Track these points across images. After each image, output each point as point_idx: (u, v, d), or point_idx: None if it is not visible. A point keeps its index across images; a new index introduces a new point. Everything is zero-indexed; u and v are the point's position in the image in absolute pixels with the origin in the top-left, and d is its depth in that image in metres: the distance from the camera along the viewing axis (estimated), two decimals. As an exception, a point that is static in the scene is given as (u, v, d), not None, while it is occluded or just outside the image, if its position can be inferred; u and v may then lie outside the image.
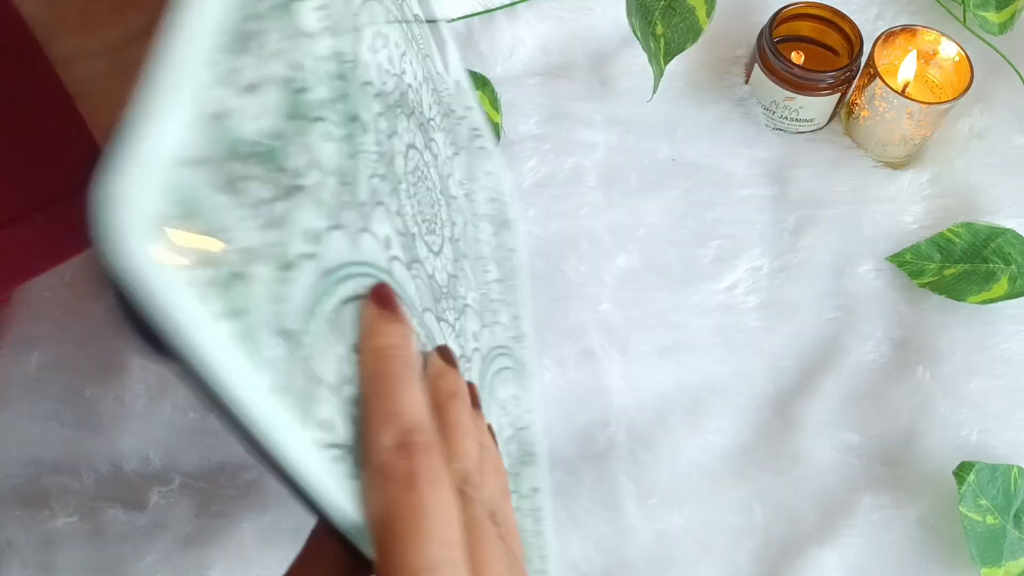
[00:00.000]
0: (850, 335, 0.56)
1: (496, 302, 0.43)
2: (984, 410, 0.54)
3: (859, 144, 0.63)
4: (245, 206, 0.23)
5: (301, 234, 0.25)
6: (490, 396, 0.38)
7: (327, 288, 0.26)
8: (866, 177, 0.62)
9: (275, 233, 0.24)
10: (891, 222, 0.60)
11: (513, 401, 0.42)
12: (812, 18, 0.63)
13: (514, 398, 0.42)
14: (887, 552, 0.50)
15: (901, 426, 0.54)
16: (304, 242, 0.25)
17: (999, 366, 0.56)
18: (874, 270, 0.59)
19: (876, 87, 0.59)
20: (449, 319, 0.35)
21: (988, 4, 0.65)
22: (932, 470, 0.52)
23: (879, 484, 0.52)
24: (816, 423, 0.53)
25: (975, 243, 0.58)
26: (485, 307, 0.41)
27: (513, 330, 0.46)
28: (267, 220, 0.24)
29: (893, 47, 0.62)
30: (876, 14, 0.68)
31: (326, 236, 0.26)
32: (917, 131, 0.60)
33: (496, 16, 0.65)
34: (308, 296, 0.25)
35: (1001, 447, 0.53)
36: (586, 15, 0.67)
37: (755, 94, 0.63)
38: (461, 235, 0.37)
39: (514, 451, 0.39)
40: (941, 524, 0.51)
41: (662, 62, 0.59)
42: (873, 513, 0.51)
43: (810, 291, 0.58)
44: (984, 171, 0.61)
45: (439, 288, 0.34)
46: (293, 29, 0.26)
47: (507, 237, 0.50)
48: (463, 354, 0.35)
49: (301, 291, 0.24)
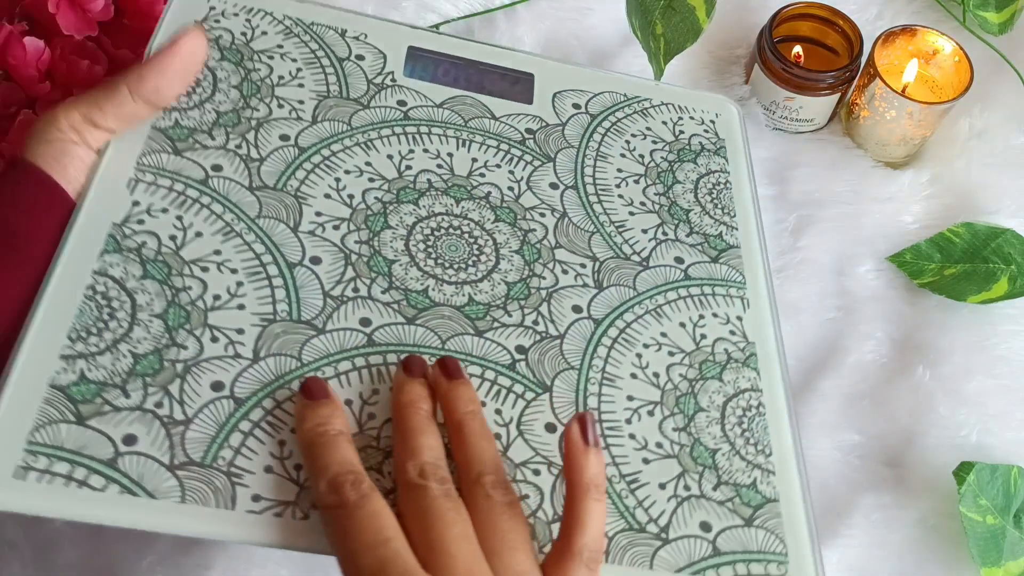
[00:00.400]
0: (850, 335, 0.56)
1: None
2: (984, 410, 0.54)
3: (859, 144, 0.63)
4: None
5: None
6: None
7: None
8: (866, 177, 0.62)
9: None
10: (891, 222, 0.60)
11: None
12: (812, 18, 0.64)
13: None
14: (887, 552, 0.50)
15: (901, 426, 0.54)
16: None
17: (999, 366, 0.56)
18: (874, 270, 0.59)
19: (876, 87, 0.59)
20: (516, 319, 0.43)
21: (988, 4, 0.65)
22: (932, 470, 0.52)
23: (879, 484, 0.52)
24: (816, 423, 0.53)
25: (975, 243, 0.58)
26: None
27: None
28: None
29: (893, 47, 0.62)
30: (876, 14, 0.69)
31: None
32: (917, 131, 0.60)
33: (496, 16, 0.65)
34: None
35: (1001, 447, 0.53)
36: (586, 15, 0.67)
37: (755, 94, 0.63)
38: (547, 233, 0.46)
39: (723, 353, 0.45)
40: (941, 524, 0.51)
41: (662, 62, 0.59)
42: (873, 513, 0.51)
43: (810, 291, 0.58)
44: (984, 171, 0.61)
45: (492, 301, 0.43)
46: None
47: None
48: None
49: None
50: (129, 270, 0.39)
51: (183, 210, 0.42)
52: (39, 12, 0.52)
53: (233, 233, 0.41)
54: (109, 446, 0.35)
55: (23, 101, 0.53)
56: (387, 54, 0.50)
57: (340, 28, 0.50)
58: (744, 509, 0.40)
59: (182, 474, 0.35)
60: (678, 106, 0.54)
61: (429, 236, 0.44)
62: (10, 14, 0.53)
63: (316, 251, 0.42)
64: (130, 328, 0.38)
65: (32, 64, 0.51)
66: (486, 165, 0.47)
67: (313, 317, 0.40)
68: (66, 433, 0.35)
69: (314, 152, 0.45)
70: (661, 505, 0.40)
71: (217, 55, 0.47)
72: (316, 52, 0.49)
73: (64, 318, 0.37)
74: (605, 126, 0.51)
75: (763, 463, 0.42)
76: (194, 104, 0.45)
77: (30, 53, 0.51)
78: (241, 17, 0.49)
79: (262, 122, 0.45)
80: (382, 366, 0.40)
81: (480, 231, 0.45)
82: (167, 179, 0.42)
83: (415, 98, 0.49)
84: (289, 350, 0.39)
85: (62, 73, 0.52)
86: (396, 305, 0.41)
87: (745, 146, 0.53)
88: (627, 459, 0.41)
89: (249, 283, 0.40)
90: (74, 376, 0.36)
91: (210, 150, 0.44)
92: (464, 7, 0.65)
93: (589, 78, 0.53)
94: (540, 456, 0.39)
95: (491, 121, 0.49)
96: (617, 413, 0.42)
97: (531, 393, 0.41)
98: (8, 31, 0.50)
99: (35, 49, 0.51)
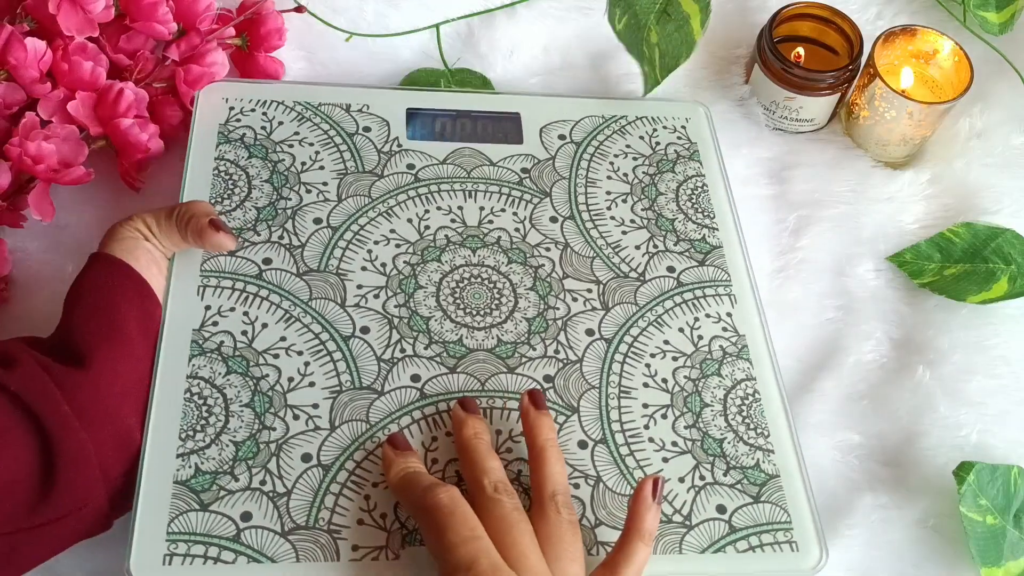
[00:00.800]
0: (850, 335, 0.56)
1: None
2: (984, 410, 0.54)
3: (859, 144, 0.63)
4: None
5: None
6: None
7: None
8: (866, 177, 0.62)
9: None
10: (891, 222, 0.60)
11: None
12: (812, 18, 0.64)
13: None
14: (887, 552, 0.50)
15: (901, 426, 0.54)
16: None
17: (999, 366, 0.56)
18: (874, 270, 0.59)
19: (876, 87, 0.59)
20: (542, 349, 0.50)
21: (988, 4, 0.65)
22: (932, 470, 0.52)
23: (879, 484, 0.52)
24: (816, 423, 0.53)
25: (975, 243, 0.58)
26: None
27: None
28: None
29: (893, 47, 0.62)
30: (876, 14, 0.68)
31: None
32: (917, 131, 0.60)
33: (496, 16, 0.65)
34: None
35: (1001, 447, 0.53)
36: (586, 15, 0.67)
37: (755, 94, 0.63)
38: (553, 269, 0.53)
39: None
40: (941, 524, 0.51)
41: (658, 74, 0.59)
42: (873, 513, 0.51)
43: (810, 291, 0.58)
44: (984, 171, 0.61)
45: (521, 334, 0.50)
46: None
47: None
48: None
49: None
50: (215, 369, 0.46)
51: (248, 306, 0.48)
52: (40, 13, 0.52)
53: (292, 319, 0.48)
54: (231, 525, 0.43)
55: (24, 101, 0.53)
56: (389, 121, 0.56)
57: (344, 104, 0.57)
58: (751, 488, 0.47)
59: (293, 538, 0.43)
60: (651, 118, 0.60)
61: (455, 288, 0.51)
62: (11, 14, 0.53)
63: (364, 321, 0.49)
64: (226, 421, 0.45)
65: (33, 64, 0.51)
66: (492, 211, 0.54)
67: (372, 382, 0.47)
68: (195, 520, 0.43)
69: (345, 229, 0.52)
70: (682, 497, 0.46)
71: (245, 154, 0.54)
72: (328, 132, 0.55)
73: (172, 422, 0.45)
74: (590, 151, 0.57)
75: (763, 444, 0.48)
76: (236, 204, 0.52)
77: (31, 53, 0.51)
78: (258, 112, 0.56)
79: (296, 210, 0.52)
80: (435, 415, 0.47)
81: (497, 275, 0.51)
82: (228, 280, 0.49)
83: (421, 159, 0.55)
84: (358, 415, 0.46)
85: (63, 73, 0.52)
86: (439, 358, 0.48)
87: (715, 145, 0.59)
88: (649, 461, 0.47)
89: (315, 362, 0.47)
90: (191, 470, 0.44)
91: (258, 245, 0.51)
92: (464, 7, 0.65)
93: (568, 107, 0.59)
94: (578, 471, 0.46)
95: (490, 167, 0.56)
96: (636, 421, 0.48)
97: (562, 416, 0.48)
98: (9, 31, 0.50)
99: (36, 50, 0.51)
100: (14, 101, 0.52)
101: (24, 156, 0.50)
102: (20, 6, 0.53)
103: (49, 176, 0.50)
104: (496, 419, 0.47)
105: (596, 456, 0.47)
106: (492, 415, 0.47)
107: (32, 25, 0.53)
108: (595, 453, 0.47)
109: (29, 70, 0.51)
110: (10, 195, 0.52)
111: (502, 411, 0.47)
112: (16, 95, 0.52)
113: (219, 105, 0.56)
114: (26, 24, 0.53)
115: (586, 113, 0.59)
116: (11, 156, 0.50)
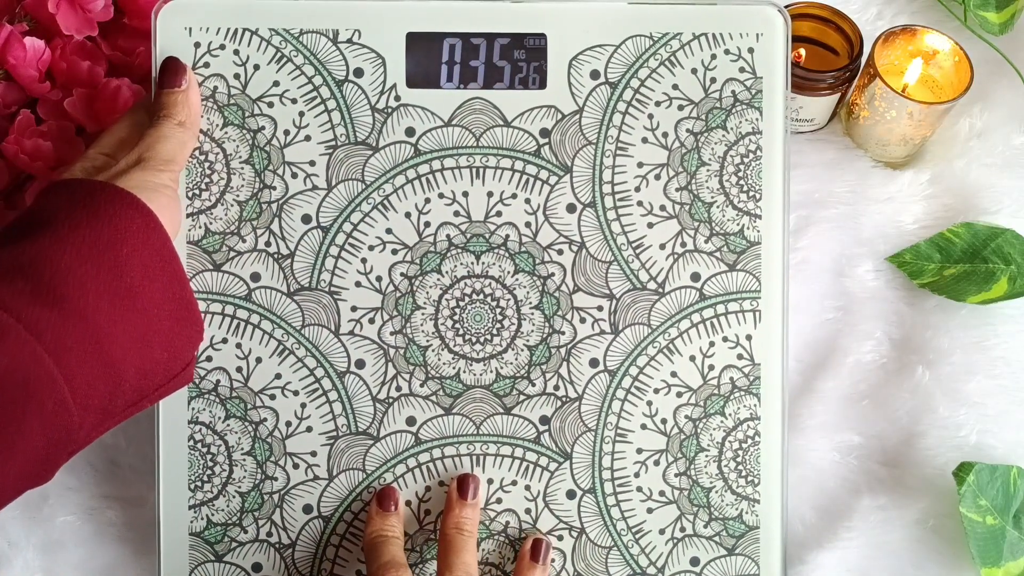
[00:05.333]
0: (850, 335, 0.56)
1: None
2: (983, 410, 0.54)
3: (859, 144, 0.63)
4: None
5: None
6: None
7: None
8: (866, 177, 0.62)
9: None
10: (891, 222, 0.60)
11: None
12: (812, 18, 0.63)
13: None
14: (887, 553, 0.50)
15: (901, 426, 0.54)
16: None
17: (999, 366, 0.56)
18: (873, 270, 0.59)
19: (876, 87, 0.59)
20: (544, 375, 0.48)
21: (988, 4, 0.65)
22: (932, 470, 0.52)
23: (878, 484, 0.52)
24: (815, 424, 0.53)
25: (975, 243, 0.58)
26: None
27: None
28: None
29: (893, 47, 0.62)
30: (876, 14, 0.68)
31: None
32: (917, 131, 0.60)
33: None
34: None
35: (1000, 447, 0.53)
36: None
37: (755, 94, 0.63)
38: (560, 294, 0.48)
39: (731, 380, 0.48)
40: (941, 524, 0.51)
41: None
42: (872, 514, 0.51)
43: (810, 291, 0.58)
44: (984, 171, 0.61)
45: (526, 361, 0.48)
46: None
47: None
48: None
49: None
50: (214, 413, 0.46)
51: (240, 336, 0.47)
52: (39, 12, 0.52)
53: (287, 351, 0.47)
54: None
55: (23, 101, 0.53)
56: (385, 56, 0.47)
57: (331, 31, 0.47)
58: (728, 540, 0.47)
59: None
60: (713, 36, 0.48)
61: (455, 309, 0.48)
62: (10, 14, 0.53)
63: (359, 353, 0.47)
64: (231, 471, 0.46)
65: (32, 64, 0.51)
66: (502, 198, 0.48)
67: (368, 426, 0.47)
68: (212, 571, 0.46)
69: (337, 231, 0.47)
70: (660, 549, 0.47)
71: (220, 120, 0.47)
72: (313, 79, 0.47)
73: (180, 472, 0.46)
74: (627, 97, 0.48)
75: (750, 493, 0.48)
76: (216, 198, 0.47)
77: (30, 53, 0.51)
78: (228, 51, 0.47)
79: (282, 204, 0.47)
80: (430, 463, 0.47)
81: (502, 290, 0.48)
82: (218, 303, 0.47)
83: (422, 119, 0.48)
84: (355, 463, 0.47)
85: (62, 73, 0.52)
86: (434, 396, 0.47)
87: (786, 78, 0.48)
88: (634, 512, 0.47)
89: (311, 403, 0.47)
90: (203, 522, 0.46)
91: (244, 255, 0.47)
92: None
93: (609, 22, 0.48)
94: (563, 523, 0.47)
95: (503, 130, 0.48)
96: (627, 468, 0.47)
97: (554, 463, 0.47)
98: (8, 31, 0.50)
99: (35, 49, 0.51)
100: (13, 100, 0.52)
101: (21, 154, 0.50)
102: (19, 5, 0.53)
103: (46, 173, 0.50)
104: (488, 467, 0.47)
105: (583, 506, 0.47)
106: (485, 462, 0.47)
107: (31, 24, 0.53)
108: (582, 503, 0.47)
109: (28, 69, 0.51)
110: (7, 193, 0.52)
111: (495, 458, 0.47)
112: (15, 94, 0.52)
113: (181, 38, 0.47)
114: (25, 23, 0.52)
115: (629, 32, 0.48)
116: (8, 153, 0.50)
